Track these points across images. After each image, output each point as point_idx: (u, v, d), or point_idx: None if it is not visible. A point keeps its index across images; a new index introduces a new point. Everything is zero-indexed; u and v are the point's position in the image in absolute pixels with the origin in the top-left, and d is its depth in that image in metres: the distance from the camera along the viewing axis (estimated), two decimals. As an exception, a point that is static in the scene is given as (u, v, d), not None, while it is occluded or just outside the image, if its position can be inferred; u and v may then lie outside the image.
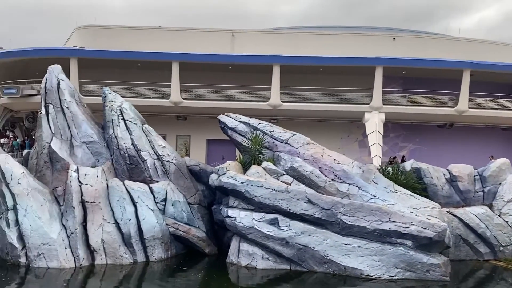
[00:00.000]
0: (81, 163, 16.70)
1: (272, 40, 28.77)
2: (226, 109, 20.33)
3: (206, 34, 28.85)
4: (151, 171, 16.77)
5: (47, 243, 14.55)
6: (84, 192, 15.44)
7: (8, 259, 14.89)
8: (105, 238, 15.16)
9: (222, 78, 25.39)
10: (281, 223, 14.58)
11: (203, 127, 26.39)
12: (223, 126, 18.60)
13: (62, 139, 17.11)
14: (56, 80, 17.89)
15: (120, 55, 24.81)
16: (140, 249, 15.49)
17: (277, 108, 24.38)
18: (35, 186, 15.50)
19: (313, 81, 25.48)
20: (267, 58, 24.58)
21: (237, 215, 14.92)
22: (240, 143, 18.13)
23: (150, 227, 15.52)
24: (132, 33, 28.34)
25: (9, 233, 14.71)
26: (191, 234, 16.22)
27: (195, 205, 16.98)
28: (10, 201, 15.00)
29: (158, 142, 17.51)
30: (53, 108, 17.47)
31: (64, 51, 25.67)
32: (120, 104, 17.88)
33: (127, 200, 15.76)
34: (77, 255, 14.80)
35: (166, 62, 24.31)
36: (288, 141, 17.63)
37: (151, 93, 24.98)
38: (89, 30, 29.08)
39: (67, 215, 15.25)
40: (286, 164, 16.54)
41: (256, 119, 18.74)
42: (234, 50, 27.84)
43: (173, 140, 26.67)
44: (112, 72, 25.79)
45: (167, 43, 26.49)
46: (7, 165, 15.38)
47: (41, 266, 14.42)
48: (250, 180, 15.06)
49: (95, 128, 17.86)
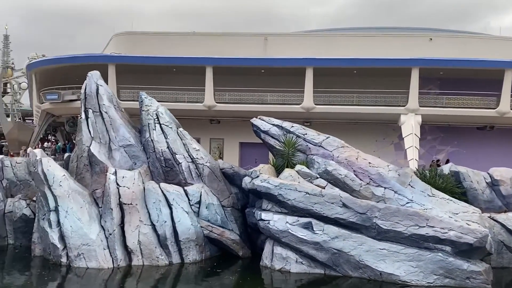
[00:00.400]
0: (119, 166, 17.15)
1: (304, 42, 28.66)
2: (259, 112, 20.38)
3: (238, 38, 29.08)
4: (186, 174, 17.03)
5: (86, 243, 15.02)
6: (122, 194, 15.86)
7: (50, 258, 15.48)
8: (142, 240, 15.50)
9: (255, 81, 25.49)
10: (315, 227, 14.47)
11: (236, 130, 26.56)
12: (256, 129, 18.68)
13: (101, 142, 17.64)
14: (95, 86, 18.48)
15: (155, 60, 25.37)
16: (176, 250, 15.75)
17: (310, 110, 24.23)
18: (76, 188, 16.04)
19: (347, 83, 25.17)
20: (300, 61, 24.50)
21: (271, 219, 14.92)
22: (273, 146, 18.15)
23: (185, 229, 15.76)
24: (167, 38, 28.92)
25: (51, 233, 15.28)
26: (225, 237, 16.35)
27: (228, 208, 17.11)
28: (52, 202, 15.58)
29: (193, 145, 17.77)
30: (92, 113, 18.05)
31: (103, 57, 26.49)
32: (156, 109, 18.27)
33: (162, 202, 16.07)
34: (115, 256, 15.20)
35: (200, 66, 24.66)
36: (321, 144, 17.51)
37: (186, 97, 25.39)
38: (126, 37, 29.90)
39: (105, 217, 15.70)
40: (320, 168, 16.43)
41: (289, 122, 18.72)
42: (266, 54, 27.90)
43: (206, 144, 26.96)
44: (148, 77, 26.39)
45: (201, 48, 26.86)
46: (49, 168, 15.99)
47: (81, 266, 14.90)
48: (283, 183, 15.03)
49: (132, 132, 18.32)
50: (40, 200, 16.14)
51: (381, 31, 31.66)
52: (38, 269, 15.14)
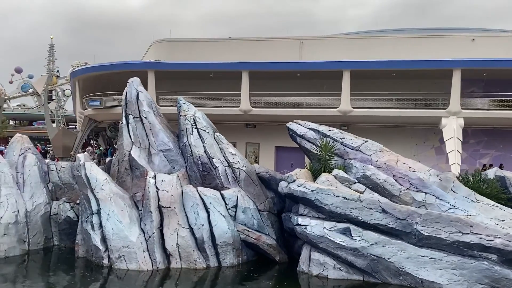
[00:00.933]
0: (158, 170, 17.53)
1: (341, 45, 28.38)
2: (295, 116, 20.32)
3: (274, 42, 29.15)
4: (222, 178, 17.17)
5: (127, 246, 15.40)
6: (161, 198, 16.19)
7: (93, 260, 15.97)
8: (180, 243, 15.74)
9: (291, 85, 25.45)
10: (354, 233, 14.22)
11: (272, 134, 26.58)
12: (292, 133, 18.60)
13: (141, 147, 18.09)
14: (136, 92, 19.00)
15: (193, 66, 25.82)
16: (213, 254, 15.88)
17: (348, 114, 23.90)
18: (117, 191, 16.51)
19: (385, 86, 24.67)
20: (337, 64, 24.25)
21: (308, 224, 14.79)
22: (310, 150, 18.01)
23: (222, 232, 15.87)
24: (204, 45, 29.40)
25: (94, 235, 15.77)
26: (262, 241, 16.34)
27: (265, 212, 17.10)
28: (94, 205, 16.09)
29: (229, 149, 17.91)
30: (132, 118, 18.55)
31: (142, 64, 27.22)
32: (193, 114, 18.55)
33: (200, 206, 16.26)
34: (154, 258, 15.50)
35: (236, 71, 24.87)
36: (359, 148, 17.22)
37: (222, 102, 25.67)
38: (164, 44, 30.63)
39: (145, 220, 16.06)
40: (358, 172, 16.16)
41: (326, 126, 18.53)
42: (302, 57, 27.82)
43: (242, 148, 27.11)
44: (186, 82, 26.88)
45: (237, 53, 27.13)
46: (92, 172, 16.53)
47: (121, 268, 15.28)
48: (321, 188, 14.88)
49: (171, 137, 18.69)
50: (83, 203, 16.71)
51: (420, 32, 30.91)
52: (81, 270, 15.62)
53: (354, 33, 38.11)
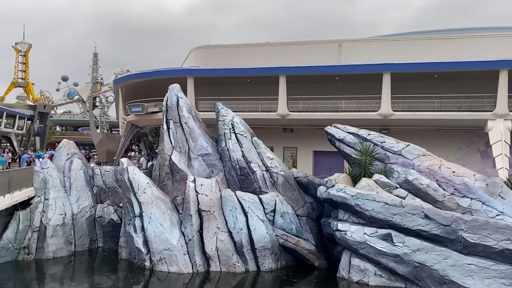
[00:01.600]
0: (197, 174, 17.80)
1: (380, 48, 27.80)
2: (333, 120, 20.09)
3: (312, 46, 28.96)
4: (260, 182, 17.21)
5: (168, 248, 15.70)
6: (200, 202, 16.43)
7: (135, 262, 16.39)
8: (219, 246, 15.89)
9: (329, 89, 25.17)
10: (395, 239, 13.88)
11: (310, 138, 26.37)
12: (331, 137, 18.41)
13: (181, 152, 18.45)
14: (176, 98, 19.42)
15: (230, 72, 26.06)
16: (252, 258, 15.92)
17: (388, 117, 23.35)
18: (158, 195, 16.90)
19: (427, 89, 23.95)
20: (376, 66, 23.78)
21: (348, 229, 14.57)
22: (349, 155, 17.76)
23: (260, 237, 15.90)
24: (242, 50, 29.61)
25: (136, 238, 16.19)
26: (300, 246, 16.24)
27: (303, 217, 16.99)
28: (137, 208, 16.53)
29: (267, 154, 17.94)
30: (173, 124, 18.97)
31: (182, 71, 27.73)
32: (231, 119, 18.74)
33: (238, 210, 16.37)
34: (194, 261, 15.73)
35: (273, 76, 24.89)
36: (401, 153, 16.81)
37: (259, 107, 25.73)
38: (203, 51, 31.09)
39: (185, 223, 16.33)
40: (399, 177, 15.78)
41: (366, 129, 18.22)
42: (341, 61, 27.48)
43: (280, 152, 27.05)
44: (224, 88, 27.17)
45: (275, 58, 27.14)
46: (135, 176, 17.02)
47: (162, 270, 15.59)
48: (361, 193, 14.63)
49: (210, 142, 18.95)
50: (126, 206, 17.19)
51: (464, 33, 29.82)
52: (124, 272, 16.06)
53: (394, 35, 37.29)
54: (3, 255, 16.47)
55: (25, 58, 71.52)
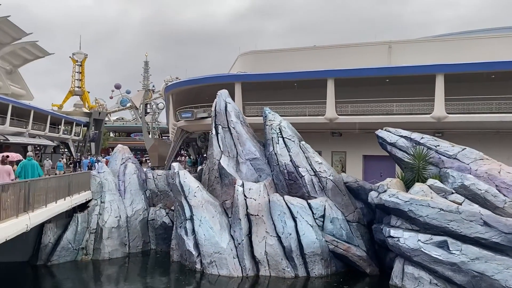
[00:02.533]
0: (246, 179, 17.93)
1: (432, 48, 26.82)
2: (383, 124, 19.59)
3: (360, 48, 28.43)
4: (309, 187, 17.07)
5: (218, 251, 15.90)
6: (249, 206, 16.52)
7: (186, 264, 16.72)
8: (268, 251, 15.89)
9: (379, 91, 24.56)
10: (451, 247, 13.28)
11: (359, 142, 25.82)
12: (382, 141, 17.96)
13: (229, 156, 18.68)
14: (224, 104, 19.72)
15: (277, 76, 26.06)
16: (301, 263, 15.79)
17: (442, 120, 22.42)
18: (208, 199, 17.18)
19: (484, 90, 22.78)
20: (429, 67, 22.92)
21: (400, 236, 14.11)
22: (401, 159, 17.24)
23: (309, 242, 15.74)
24: (289, 54, 29.56)
25: (187, 241, 16.52)
26: (351, 253, 15.92)
27: (354, 223, 16.66)
28: (188, 212, 16.88)
29: (315, 158, 17.78)
30: (221, 129, 19.25)
31: (229, 77, 28.08)
32: (279, 123, 18.76)
33: (287, 215, 16.31)
34: (244, 265, 15.81)
35: (321, 79, 24.64)
36: (456, 156, 16.11)
37: (307, 111, 25.53)
38: (250, 56, 31.34)
39: (234, 227, 16.48)
40: (455, 182, 15.11)
41: (418, 133, 17.63)
42: (391, 62, 26.77)
43: (328, 157, 26.65)
44: (271, 93, 27.22)
45: (322, 61, 26.86)
46: (186, 180, 17.41)
47: (213, 273, 15.80)
48: (414, 199, 14.14)
49: (257, 146, 19.05)
50: (178, 209, 17.61)
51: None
52: (176, 274, 16.43)
53: (446, 34, 35.87)
54: (63, 255, 17.35)
55: (81, 68, 75.32)
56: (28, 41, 47.79)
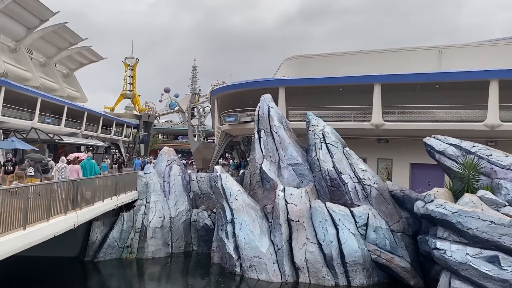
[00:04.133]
0: (287, 184, 17.85)
1: (486, 53, 25.60)
2: (432, 131, 18.88)
3: (409, 53, 27.64)
4: (352, 195, 16.73)
5: (257, 256, 15.91)
6: (290, 211, 16.42)
7: (226, 267, 16.85)
8: (309, 257, 15.71)
9: (428, 97, 23.73)
10: (503, 262, 12.52)
11: (406, 150, 25.02)
12: (430, 149, 17.30)
13: (271, 161, 18.67)
14: (267, 108, 19.76)
15: (322, 81, 25.78)
16: (342, 272, 15.49)
17: (495, 128, 21.30)
18: (249, 202, 17.25)
19: (543, 96, 21.50)
20: (482, 73, 21.87)
21: (447, 248, 13.47)
22: (450, 168, 16.52)
23: (351, 251, 15.41)
24: (334, 59, 29.22)
25: (228, 243, 16.65)
26: (394, 263, 15.42)
27: (398, 233, 16.14)
28: (229, 215, 17.03)
29: (359, 165, 17.41)
30: (264, 133, 19.29)
31: (273, 81, 28.12)
32: (322, 128, 18.53)
33: (328, 222, 16.05)
34: (283, 270, 15.72)
35: (367, 84, 24.15)
36: (510, 167, 15.24)
37: (352, 116, 25.08)
38: (295, 61, 31.28)
39: (274, 232, 16.43)
40: (508, 194, 14.30)
41: (469, 141, 16.84)
42: (441, 68, 25.83)
43: (374, 164, 26.01)
44: (315, 97, 26.99)
45: (369, 66, 26.36)
46: (227, 183, 17.58)
47: (252, 277, 15.82)
48: (463, 210, 13.47)
49: (300, 151, 18.91)
50: (219, 212, 17.81)
51: None
52: (215, 276, 16.60)
53: (502, 39, 34.13)
54: (109, 252, 17.99)
55: (132, 72, 78.09)
56: (84, 46, 50.30)
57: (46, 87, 44.48)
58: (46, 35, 44.04)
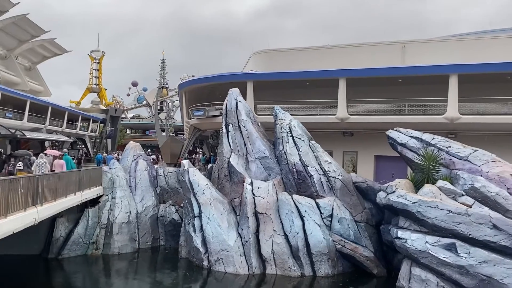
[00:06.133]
0: (255, 177, 17.99)
1: (447, 48, 26.44)
2: (395, 124, 19.39)
3: (373, 48, 28.20)
4: (318, 186, 17.03)
5: (225, 249, 16.00)
6: (257, 204, 16.58)
7: (194, 261, 16.87)
8: (275, 249, 15.92)
9: (391, 91, 24.31)
10: (460, 249, 13.11)
11: (371, 143, 25.59)
12: (393, 141, 17.81)
13: (239, 154, 18.75)
14: (235, 102, 19.79)
15: (289, 75, 25.99)
16: (307, 263, 15.78)
17: (455, 121, 22.09)
18: (217, 196, 17.29)
19: (499, 90, 22.35)
20: (443, 67, 22.59)
21: (408, 237, 13.98)
22: (412, 160, 17.07)
23: (316, 242, 15.72)
24: (301, 53, 29.50)
25: (195, 237, 16.66)
26: (358, 253, 15.84)
27: (362, 223, 16.57)
28: (196, 209, 17.02)
29: (324, 158, 17.72)
30: (232, 127, 19.33)
31: (241, 75, 28.12)
32: (289, 122, 18.74)
33: (295, 214, 16.31)
34: (251, 263, 15.88)
35: (333, 79, 24.51)
36: (468, 158, 15.88)
37: (318, 110, 25.42)
38: (263, 55, 31.38)
39: (242, 225, 16.55)
40: (465, 184, 14.89)
41: (430, 134, 17.42)
42: (404, 62, 26.51)
43: (339, 156, 26.50)
44: (283, 92, 27.18)
45: (335, 61, 26.73)
46: (195, 178, 17.55)
47: (219, 270, 15.91)
48: (423, 200, 13.99)
49: (267, 145, 19.07)
50: (187, 206, 17.77)
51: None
52: (183, 270, 16.58)
53: (463, 34, 35.32)
54: (74, 249, 17.67)
55: (99, 65, 76.24)
56: (47, 39, 48.63)
57: (7, 80, 42.85)
58: (6, 26, 42.30)
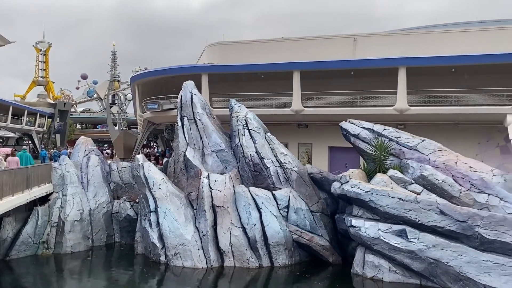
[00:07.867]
0: (211, 170, 17.91)
1: (397, 42, 27.40)
2: (348, 116, 19.93)
3: (326, 41, 28.75)
4: (274, 178, 17.21)
5: (182, 243, 15.86)
6: (214, 197, 16.53)
7: (151, 256, 16.60)
8: (233, 242, 15.97)
9: (344, 84, 24.93)
10: (410, 235, 13.73)
11: (325, 134, 26.18)
12: (346, 133, 18.29)
13: (195, 148, 18.58)
14: (190, 95, 19.55)
15: (244, 68, 26.01)
16: (265, 254, 15.96)
17: (404, 112, 23.02)
18: (173, 191, 17.07)
19: (445, 83, 23.50)
20: (392, 60, 23.43)
21: (362, 225, 14.47)
22: (364, 150, 17.62)
23: (274, 233, 15.92)
24: (256, 46, 29.56)
25: (151, 233, 16.39)
26: (314, 242, 16.20)
27: (317, 213, 16.94)
28: (152, 204, 16.73)
29: (280, 150, 17.92)
30: (187, 120, 19.10)
31: (196, 68, 27.83)
32: (245, 115, 18.76)
33: (252, 206, 16.41)
34: (209, 256, 15.85)
35: (287, 71, 24.79)
36: (416, 148, 16.61)
37: (273, 103, 25.66)
38: (217, 47, 31.15)
39: (199, 218, 16.46)
40: (414, 172, 15.59)
41: (381, 125, 18.04)
42: (356, 55, 27.23)
43: (295, 148, 26.92)
44: (238, 84, 27.19)
45: (289, 53, 27.04)
46: (150, 172, 17.21)
47: (177, 265, 15.76)
48: (375, 189, 14.50)
49: (223, 138, 19.02)
50: (142, 202, 17.42)
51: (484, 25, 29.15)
52: (140, 266, 16.29)
53: (412, 28, 36.70)
54: (23, 250, 16.89)
55: (45, 57, 72.80)
56: (-13, 29, 45.75)
57: None
58: None
